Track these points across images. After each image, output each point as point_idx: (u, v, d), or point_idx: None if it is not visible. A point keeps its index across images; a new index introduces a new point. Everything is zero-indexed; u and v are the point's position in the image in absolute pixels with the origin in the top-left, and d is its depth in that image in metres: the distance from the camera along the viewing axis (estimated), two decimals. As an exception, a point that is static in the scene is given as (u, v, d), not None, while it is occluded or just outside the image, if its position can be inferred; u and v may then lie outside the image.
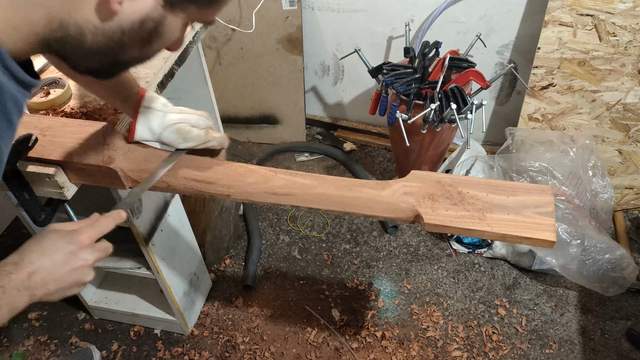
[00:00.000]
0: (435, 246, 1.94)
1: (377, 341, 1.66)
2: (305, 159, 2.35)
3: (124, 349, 1.67)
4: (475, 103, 1.63)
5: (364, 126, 2.42)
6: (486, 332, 1.67)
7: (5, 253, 0.69)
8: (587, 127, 1.83)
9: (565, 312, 1.72)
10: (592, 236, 1.61)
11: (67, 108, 1.08)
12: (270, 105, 2.30)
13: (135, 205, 1.21)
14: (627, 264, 1.61)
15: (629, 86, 1.70)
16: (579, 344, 1.63)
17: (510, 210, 0.86)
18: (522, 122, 1.90)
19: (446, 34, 1.96)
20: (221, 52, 2.16)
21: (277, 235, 2.01)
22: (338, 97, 2.39)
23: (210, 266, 1.88)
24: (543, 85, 1.79)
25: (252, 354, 1.64)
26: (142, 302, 1.69)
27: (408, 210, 0.88)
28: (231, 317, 1.75)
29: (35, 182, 0.91)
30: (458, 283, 1.81)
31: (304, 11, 2.07)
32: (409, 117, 1.68)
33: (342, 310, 1.75)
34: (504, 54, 1.96)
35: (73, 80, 1.08)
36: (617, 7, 1.57)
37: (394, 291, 1.80)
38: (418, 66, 1.76)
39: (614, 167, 1.90)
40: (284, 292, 1.82)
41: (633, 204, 1.98)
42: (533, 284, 1.79)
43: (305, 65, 2.25)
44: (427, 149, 1.87)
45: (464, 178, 0.92)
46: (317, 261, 1.91)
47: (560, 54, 1.71)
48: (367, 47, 2.10)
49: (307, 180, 0.92)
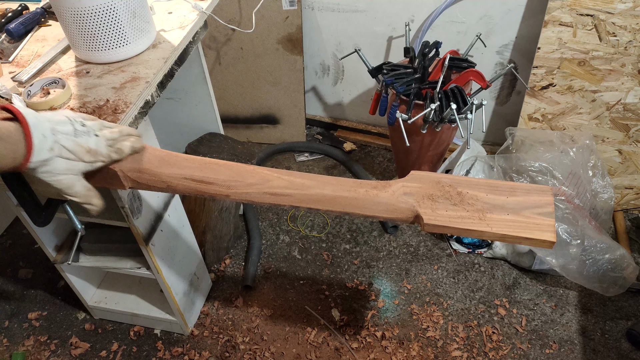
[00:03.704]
0: (435, 246, 1.94)
1: (377, 341, 1.66)
2: (305, 159, 2.35)
3: (124, 349, 1.68)
4: (475, 103, 1.63)
5: (364, 126, 2.42)
6: (486, 332, 1.67)
7: (6, 253, 0.69)
8: (587, 127, 1.83)
9: (565, 312, 1.71)
10: (592, 236, 1.61)
11: (67, 108, 1.08)
12: (270, 105, 2.30)
13: (135, 205, 1.21)
14: (627, 264, 1.61)
15: (629, 86, 1.70)
16: (579, 344, 1.63)
17: (510, 211, 0.86)
18: (522, 122, 1.90)
19: (446, 34, 1.96)
20: (221, 52, 2.16)
21: (277, 235, 2.01)
22: (338, 97, 2.39)
23: (210, 266, 1.88)
24: (543, 85, 1.79)
25: (252, 354, 1.64)
26: (142, 302, 1.69)
27: (408, 211, 0.88)
28: (231, 317, 1.75)
29: (35, 182, 0.91)
30: (458, 283, 1.81)
31: (304, 11, 2.07)
32: (409, 117, 1.68)
33: (342, 310, 1.75)
34: (504, 54, 1.96)
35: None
36: (617, 7, 1.57)
37: (394, 291, 1.80)
38: (418, 66, 1.76)
39: (614, 167, 1.89)
40: (284, 292, 1.82)
41: (633, 204, 1.98)
42: (533, 284, 1.79)
43: (305, 65, 2.25)
44: (427, 149, 1.87)
45: (463, 178, 0.92)
46: (317, 261, 1.91)
47: (560, 54, 1.71)
48: (367, 47, 2.10)
49: (306, 180, 0.92)
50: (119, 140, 0.84)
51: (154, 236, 1.33)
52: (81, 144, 0.77)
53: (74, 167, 0.77)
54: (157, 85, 1.16)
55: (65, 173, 0.77)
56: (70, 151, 0.76)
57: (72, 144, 0.76)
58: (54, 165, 0.74)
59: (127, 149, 0.85)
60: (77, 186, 0.79)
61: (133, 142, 0.86)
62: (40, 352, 1.68)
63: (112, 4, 1.09)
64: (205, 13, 1.37)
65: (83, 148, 0.77)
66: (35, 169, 0.73)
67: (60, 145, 0.74)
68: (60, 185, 0.77)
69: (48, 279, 1.90)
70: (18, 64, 1.23)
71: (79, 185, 0.79)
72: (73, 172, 0.78)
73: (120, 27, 1.13)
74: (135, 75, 1.15)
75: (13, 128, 0.69)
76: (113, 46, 1.15)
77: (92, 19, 1.09)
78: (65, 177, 0.77)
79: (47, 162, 0.73)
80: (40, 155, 0.71)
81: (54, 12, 1.19)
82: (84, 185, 0.81)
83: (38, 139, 0.71)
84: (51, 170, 0.75)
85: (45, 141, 0.72)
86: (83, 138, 0.77)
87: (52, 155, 0.73)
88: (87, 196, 0.81)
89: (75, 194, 0.79)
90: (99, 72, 1.17)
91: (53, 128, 0.74)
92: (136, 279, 1.76)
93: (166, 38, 1.26)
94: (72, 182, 0.78)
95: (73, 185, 0.78)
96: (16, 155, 0.69)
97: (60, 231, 1.50)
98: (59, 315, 1.79)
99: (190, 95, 1.71)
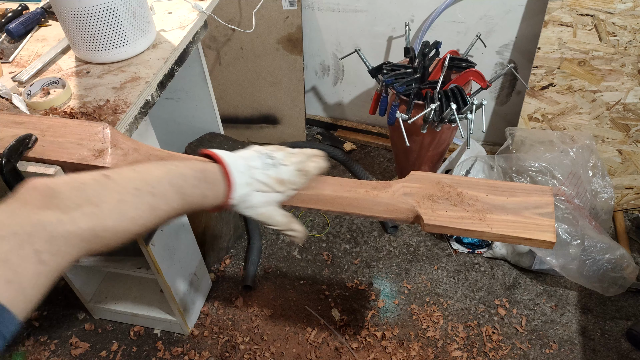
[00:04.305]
0: (435, 246, 1.94)
1: (377, 341, 1.66)
2: (305, 158, 2.35)
3: (124, 349, 1.68)
4: (475, 103, 1.63)
5: (364, 126, 2.42)
6: (486, 332, 1.67)
7: (5, 253, 0.69)
8: (587, 127, 1.83)
9: (565, 312, 1.72)
10: (592, 236, 1.61)
11: (67, 108, 1.08)
12: (270, 105, 2.30)
13: None
14: (627, 264, 1.61)
15: (629, 86, 1.70)
16: (579, 344, 1.63)
17: (510, 211, 0.86)
18: (522, 122, 1.90)
19: (446, 34, 1.96)
20: (221, 52, 2.16)
21: (277, 235, 2.01)
22: (338, 97, 2.39)
23: (210, 266, 1.88)
24: (543, 85, 1.79)
25: (252, 354, 1.64)
26: (142, 302, 1.69)
27: (408, 211, 0.88)
28: (231, 317, 1.75)
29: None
30: (458, 283, 1.81)
31: (304, 11, 2.07)
32: (409, 117, 1.68)
33: (342, 310, 1.75)
34: (504, 54, 1.96)
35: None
36: (617, 7, 1.57)
37: (394, 291, 1.80)
38: (418, 66, 1.76)
39: (614, 167, 1.89)
40: (284, 292, 1.82)
41: (633, 204, 1.98)
42: (533, 284, 1.79)
43: (305, 65, 2.25)
44: (427, 149, 1.87)
45: (463, 179, 0.92)
46: (317, 261, 1.91)
47: (560, 54, 1.71)
48: (367, 47, 2.10)
49: (306, 180, 0.92)
50: (306, 163, 0.86)
51: (154, 236, 1.33)
52: (272, 176, 0.79)
53: (270, 198, 0.79)
54: (157, 85, 1.16)
55: (264, 206, 0.79)
56: (264, 184, 0.78)
57: (264, 177, 0.78)
58: (253, 200, 0.77)
59: (313, 170, 0.86)
60: (276, 216, 0.81)
61: (318, 162, 0.87)
62: (40, 352, 1.68)
63: (112, 4, 1.09)
64: (205, 13, 1.37)
65: (274, 179, 0.79)
66: (237, 205, 0.75)
67: (255, 179, 0.76)
68: (263, 218, 0.79)
69: (48, 279, 1.90)
70: (18, 64, 1.23)
71: (278, 215, 0.81)
72: (270, 203, 0.80)
73: (120, 27, 1.13)
74: (135, 75, 1.15)
75: (215, 169, 0.73)
76: (113, 46, 1.15)
77: (92, 19, 1.09)
78: (266, 210, 0.79)
79: (246, 197, 0.75)
80: (239, 191, 0.74)
81: (54, 12, 1.19)
82: (283, 214, 0.82)
83: (236, 177, 0.73)
84: (252, 206, 0.77)
85: (242, 177, 0.74)
86: (273, 170, 0.80)
87: (250, 190, 0.75)
88: (287, 223, 0.83)
89: (276, 224, 0.81)
90: (99, 72, 1.17)
91: (247, 165, 0.76)
92: (136, 279, 1.76)
93: (166, 38, 1.26)
94: (271, 213, 0.80)
95: (273, 216, 0.80)
96: (218, 194, 0.72)
97: (60, 231, 1.50)
98: (59, 315, 1.79)
99: (190, 95, 1.71)
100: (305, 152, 0.86)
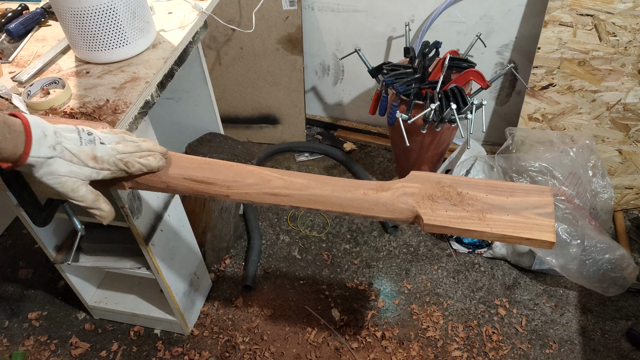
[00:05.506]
0: (435, 246, 1.94)
1: (377, 341, 1.66)
2: (305, 159, 2.35)
3: (124, 349, 1.68)
4: (475, 103, 1.63)
5: (364, 126, 2.42)
6: (486, 332, 1.67)
7: (6, 253, 0.69)
8: (587, 127, 1.83)
9: (565, 312, 1.72)
10: (592, 236, 1.61)
11: (67, 108, 1.08)
12: (270, 105, 2.31)
13: (135, 205, 1.21)
14: (627, 264, 1.61)
15: (629, 86, 1.70)
16: (579, 344, 1.63)
17: (510, 211, 0.86)
18: (522, 122, 1.90)
19: (446, 34, 1.96)
20: (221, 52, 2.16)
21: (277, 235, 2.01)
22: (338, 97, 2.39)
23: (210, 266, 1.88)
24: (543, 85, 1.79)
25: (252, 354, 1.64)
26: (142, 302, 1.69)
27: (408, 211, 0.88)
28: (231, 317, 1.75)
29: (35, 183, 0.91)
30: (458, 283, 1.81)
31: (304, 11, 2.07)
32: (409, 117, 1.68)
33: (342, 310, 1.75)
34: (504, 54, 1.96)
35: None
36: (617, 7, 1.57)
37: (394, 291, 1.80)
38: (418, 66, 1.76)
39: (614, 167, 1.89)
40: (284, 292, 1.82)
41: (633, 204, 1.98)
42: (533, 284, 1.79)
43: (305, 65, 2.25)
44: (427, 149, 1.87)
45: (463, 179, 0.92)
46: (317, 261, 1.91)
47: (560, 54, 1.71)
48: (367, 47, 2.11)
49: (306, 180, 0.92)
50: (133, 155, 0.85)
51: (154, 236, 1.33)
52: (85, 150, 0.78)
53: (79, 171, 0.79)
54: (157, 85, 1.16)
55: (69, 175, 0.78)
56: (74, 154, 0.77)
57: (75, 148, 0.77)
58: (56, 166, 0.76)
59: (136, 166, 0.85)
60: (81, 190, 0.80)
61: (150, 160, 0.86)
62: (40, 352, 1.68)
63: (112, 4, 1.09)
64: (205, 13, 1.37)
65: (87, 154, 0.79)
66: (35, 166, 0.74)
67: (62, 146, 0.76)
68: (64, 188, 0.78)
69: (48, 279, 1.90)
70: (18, 64, 1.23)
71: (85, 189, 0.80)
72: (78, 175, 0.79)
73: (120, 27, 1.13)
74: (135, 75, 1.15)
75: (17, 121, 0.73)
76: (113, 46, 1.15)
77: (92, 19, 1.09)
78: (69, 180, 0.78)
79: (48, 161, 0.74)
80: (40, 150, 0.73)
81: (54, 12, 1.19)
82: (90, 189, 0.82)
83: (37, 135, 0.73)
84: (53, 172, 0.76)
85: (46, 139, 0.74)
86: (89, 146, 0.79)
87: (53, 154, 0.75)
88: (93, 200, 0.82)
89: (80, 198, 0.81)
90: (99, 72, 1.17)
91: (56, 130, 0.76)
92: (136, 279, 1.76)
93: (166, 38, 1.26)
94: (77, 185, 0.79)
95: (78, 189, 0.79)
96: (17, 144, 0.71)
97: (60, 231, 1.50)
98: (59, 315, 1.79)
99: (190, 95, 1.71)
100: (141, 145, 0.86)
